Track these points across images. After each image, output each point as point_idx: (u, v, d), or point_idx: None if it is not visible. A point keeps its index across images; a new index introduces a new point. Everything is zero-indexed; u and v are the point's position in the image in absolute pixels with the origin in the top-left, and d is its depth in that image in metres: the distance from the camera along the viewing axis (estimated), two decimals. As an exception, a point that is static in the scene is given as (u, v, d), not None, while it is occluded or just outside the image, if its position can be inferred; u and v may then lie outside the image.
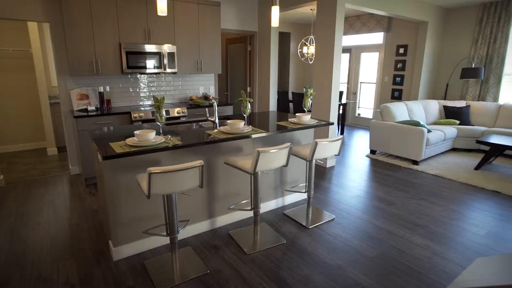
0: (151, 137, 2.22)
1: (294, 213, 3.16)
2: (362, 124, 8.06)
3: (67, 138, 4.20)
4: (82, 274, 2.23)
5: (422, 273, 2.24)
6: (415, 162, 4.81)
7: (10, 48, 5.05)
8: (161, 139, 2.30)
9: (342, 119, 7.00)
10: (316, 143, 2.62)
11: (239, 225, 2.95)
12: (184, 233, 2.71)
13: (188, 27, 4.49)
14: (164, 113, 2.44)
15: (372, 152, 5.39)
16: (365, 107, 8.05)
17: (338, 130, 7.36)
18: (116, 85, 4.40)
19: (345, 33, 7.67)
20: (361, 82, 7.98)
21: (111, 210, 2.31)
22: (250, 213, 3.09)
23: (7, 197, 3.54)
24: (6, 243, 2.62)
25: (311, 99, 3.18)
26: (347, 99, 8.25)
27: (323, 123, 3.13)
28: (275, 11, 2.92)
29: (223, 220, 2.95)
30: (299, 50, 8.07)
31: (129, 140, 2.20)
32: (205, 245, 2.61)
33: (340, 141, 2.80)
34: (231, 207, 2.93)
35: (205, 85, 5.29)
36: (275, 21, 2.96)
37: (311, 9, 6.26)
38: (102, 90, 4.17)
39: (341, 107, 6.91)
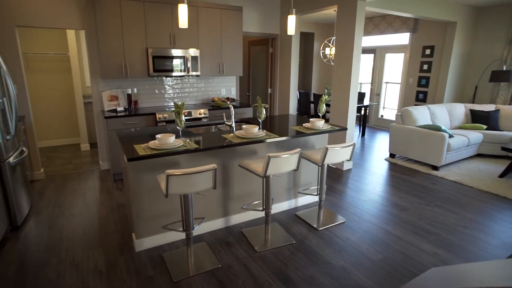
0: (170, 140, 2.42)
1: (306, 215, 3.27)
2: (385, 126, 7.94)
3: (98, 136, 4.55)
4: (108, 262, 2.49)
5: (426, 280, 2.29)
6: (435, 168, 4.74)
7: (51, 52, 5.52)
8: (180, 142, 2.50)
9: (363, 121, 6.96)
10: (326, 149, 2.72)
11: (252, 223, 3.11)
12: (200, 229, 2.92)
13: (211, 31, 4.69)
14: (183, 118, 2.64)
15: (392, 156, 5.36)
16: (389, 108, 7.92)
17: (359, 132, 7.32)
18: (143, 87, 4.70)
19: (369, 33, 7.57)
20: (386, 83, 7.85)
21: (134, 205, 2.55)
22: (263, 213, 3.24)
23: (46, 189, 3.93)
24: (46, 230, 2.95)
25: (325, 105, 3.26)
26: (370, 100, 8.16)
27: (336, 128, 3.21)
28: (291, 20, 3.03)
29: (237, 218, 3.12)
30: (321, 51, 8.07)
31: (151, 143, 2.42)
32: (219, 241, 2.80)
33: (351, 147, 2.88)
34: (244, 207, 3.09)
35: (227, 86, 5.48)
36: (291, 29, 3.07)
37: (334, 10, 6.26)
38: (130, 92, 4.47)
39: (363, 109, 6.87)
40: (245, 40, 6.97)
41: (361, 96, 7.35)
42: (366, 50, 8.09)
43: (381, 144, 6.28)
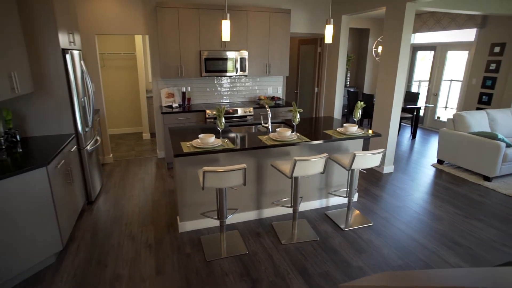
0: (210, 140, 2.79)
1: (335, 215, 3.44)
2: (441, 128, 7.46)
3: (156, 128, 5.19)
4: (157, 238, 2.99)
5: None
6: (487, 178, 4.45)
7: (121, 52, 6.34)
8: (219, 142, 2.86)
9: (415, 122, 6.68)
10: (354, 155, 2.85)
11: (282, 218, 3.39)
12: (234, 218, 3.28)
13: (259, 34, 4.96)
14: (223, 120, 2.99)
15: (440, 162, 5.13)
16: (450, 108, 7.42)
17: (410, 133, 7.03)
18: (196, 86, 5.20)
19: (430, 29, 7.13)
20: (450, 80, 7.35)
21: (179, 193, 3.00)
22: (291, 209, 3.48)
23: (114, 171, 4.67)
24: (112, 206, 3.58)
25: (360, 111, 3.35)
26: (426, 100, 7.72)
27: (369, 134, 3.28)
28: (328, 29, 3.16)
29: (269, 212, 3.42)
30: (374, 49, 7.82)
31: (195, 142, 2.82)
32: (250, 231, 3.14)
33: (380, 154, 2.96)
34: (274, 202, 3.37)
35: (274, 85, 5.74)
36: (328, 38, 3.20)
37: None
38: (184, 90, 5.00)
39: (415, 110, 6.58)
40: (295, 39, 7.10)
41: (414, 96, 7.02)
42: (425, 47, 7.63)
43: (431, 149, 6.00)
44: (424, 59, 7.78)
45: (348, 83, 8.64)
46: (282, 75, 5.37)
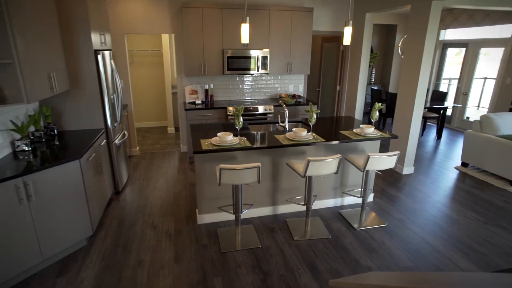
0: (228, 139, 2.93)
1: (348, 214, 3.49)
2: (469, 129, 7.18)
3: (180, 123, 5.41)
4: (176, 228, 3.19)
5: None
6: (513, 183, 4.30)
7: (149, 49, 6.62)
8: (236, 140, 2.99)
9: (441, 123, 6.48)
10: (368, 157, 2.89)
11: (296, 215, 3.49)
12: (250, 213, 3.42)
13: (281, 32, 5.02)
14: (241, 119, 3.12)
15: (464, 164, 4.99)
16: (481, 109, 7.12)
17: (436, 134, 6.83)
18: (218, 83, 5.36)
19: (462, 25, 6.85)
20: (479, 78, 7.04)
21: (198, 187, 3.18)
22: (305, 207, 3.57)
23: (139, 164, 4.96)
24: (137, 197, 3.84)
25: (378, 113, 3.35)
26: (455, 100, 7.44)
27: (386, 136, 3.29)
28: (347, 31, 3.18)
29: (284, 208, 3.53)
30: (400, 46, 7.62)
31: (213, 140, 2.97)
32: (264, 226, 3.27)
33: (395, 157, 2.97)
34: (288, 200, 3.47)
35: (295, 83, 5.79)
36: (347, 40, 3.22)
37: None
38: (207, 87, 5.17)
39: (442, 110, 6.39)
40: (318, 37, 7.07)
41: (441, 95, 6.79)
42: (456, 44, 7.33)
43: (457, 150, 5.81)
44: (457, 56, 7.47)
45: (373, 80, 8.48)
46: (303, 73, 5.40)
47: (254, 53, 4.94)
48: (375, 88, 7.47)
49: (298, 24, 5.06)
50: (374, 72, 8.45)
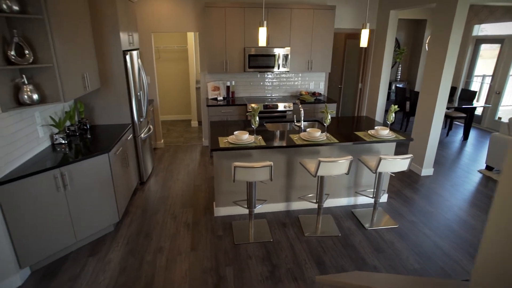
0: (244, 137, 3.09)
1: (360, 213, 3.55)
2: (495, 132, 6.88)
3: (202, 117, 5.64)
4: (195, 219, 3.42)
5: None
6: (540, 190, 4.13)
7: (175, 45, 6.88)
8: (252, 139, 3.14)
9: (468, 123, 6.27)
10: (380, 159, 2.94)
11: (309, 212, 3.60)
12: (264, 208, 3.58)
13: (302, 30, 5.07)
14: (257, 119, 3.26)
15: (488, 168, 4.84)
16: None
17: (462, 134, 6.61)
18: (239, 80, 5.51)
19: (498, 20, 6.51)
20: None
21: (216, 181, 3.37)
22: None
23: (164, 156, 5.25)
24: (160, 188, 4.12)
25: (393, 115, 3.37)
26: (486, 99, 7.12)
27: (400, 138, 3.30)
28: (364, 33, 3.20)
29: (297, 205, 3.66)
30: (426, 43, 7.36)
31: (230, 138, 3.14)
32: (277, 221, 3.42)
33: (408, 160, 2.99)
34: (300, 197, 3.59)
35: (316, 81, 5.82)
36: (363, 42, 3.24)
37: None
38: (229, 84, 5.34)
39: (470, 110, 6.17)
40: (341, 34, 7.00)
41: (470, 95, 6.54)
42: (490, 40, 6.98)
43: (483, 153, 5.62)
44: (493, 51, 7.12)
45: (399, 77, 8.27)
46: (323, 71, 5.43)
47: (275, 51, 5.03)
48: (400, 86, 7.30)
49: (320, 22, 5.08)
50: (400, 68, 8.23)
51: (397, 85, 7.46)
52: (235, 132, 3.14)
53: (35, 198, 2.42)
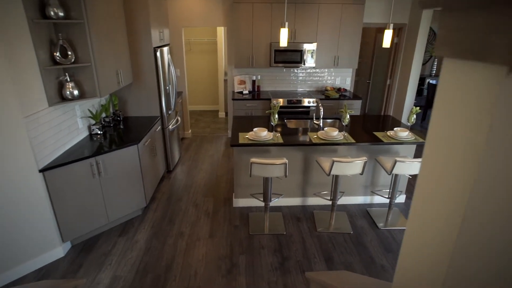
0: (263, 134, 3.23)
1: (375, 213, 3.60)
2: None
3: (229, 109, 5.84)
4: (214, 208, 3.66)
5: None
6: None
7: (205, 38, 7.09)
8: (270, 136, 3.28)
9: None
10: (395, 161, 2.96)
11: (324, 208, 3.71)
12: (280, 202, 3.74)
13: (329, 26, 5.04)
14: (276, 116, 3.38)
15: None
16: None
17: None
18: (265, 74, 5.62)
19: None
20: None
21: (235, 174, 3.57)
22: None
23: (191, 145, 5.54)
24: (185, 176, 4.40)
25: (414, 116, 3.34)
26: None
27: (418, 141, 3.28)
28: (387, 34, 3.16)
29: (313, 201, 3.77)
30: (465, 37, 6.94)
31: (250, 134, 3.30)
32: (292, 215, 3.56)
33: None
34: (315, 193, 3.70)
35: (342, 76, 5.78)
36: (386, 43, 3.21)
37: None
38: (254, 78, 5.47)
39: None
40: (371, 29, 6.82)
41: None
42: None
43: None
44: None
45: (434, 72, 7.92)
46: (350, 67, 5.38)
47: (301, 46, 5.06)
48: (433, 82, 7.01)
49: (348, 17, 5.01)
50: (435, 63, 7.87)
51: (431, 81, 7.17)
52: (255, 129, 3.29)
53: (75, 182, 2.76)
